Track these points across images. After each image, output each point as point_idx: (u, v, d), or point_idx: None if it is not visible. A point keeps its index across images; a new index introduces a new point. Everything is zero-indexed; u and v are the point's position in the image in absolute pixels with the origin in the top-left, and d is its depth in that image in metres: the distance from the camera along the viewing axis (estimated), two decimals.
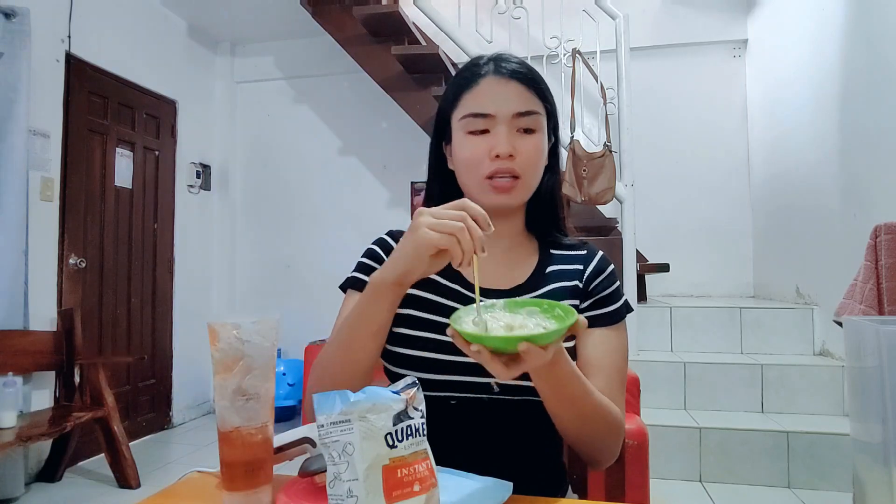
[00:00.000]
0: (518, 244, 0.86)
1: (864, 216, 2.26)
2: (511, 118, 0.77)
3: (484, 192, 0.78)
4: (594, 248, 0.88)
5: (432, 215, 0.62)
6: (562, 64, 3.18)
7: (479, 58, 0.83)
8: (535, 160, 0.79)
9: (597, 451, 0.75)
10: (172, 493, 0.65)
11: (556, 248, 0.87)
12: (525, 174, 0.78)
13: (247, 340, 0.56)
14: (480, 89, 0.79)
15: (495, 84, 0.78)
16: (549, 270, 0.84)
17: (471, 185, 0.80)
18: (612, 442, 0.75)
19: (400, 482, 0.49)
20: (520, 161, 0.77)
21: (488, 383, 0.74)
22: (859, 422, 1.38)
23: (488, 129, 0.78)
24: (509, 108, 0.77)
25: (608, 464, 0.78)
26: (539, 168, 0.81)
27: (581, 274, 0.83)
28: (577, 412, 0.70)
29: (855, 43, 2.43)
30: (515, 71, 0.79)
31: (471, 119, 0.78)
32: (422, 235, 0.61)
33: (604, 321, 0.80)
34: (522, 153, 0.77)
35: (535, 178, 0.81)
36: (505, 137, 0.76)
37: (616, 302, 0.82)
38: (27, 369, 2.44)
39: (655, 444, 2.25)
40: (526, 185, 0.79)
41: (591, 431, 0.72)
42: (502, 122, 0.77)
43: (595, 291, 0.82)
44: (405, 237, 0.65)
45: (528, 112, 0.78)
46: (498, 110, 0.77)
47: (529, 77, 0.80)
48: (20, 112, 2.41)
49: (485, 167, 0.77)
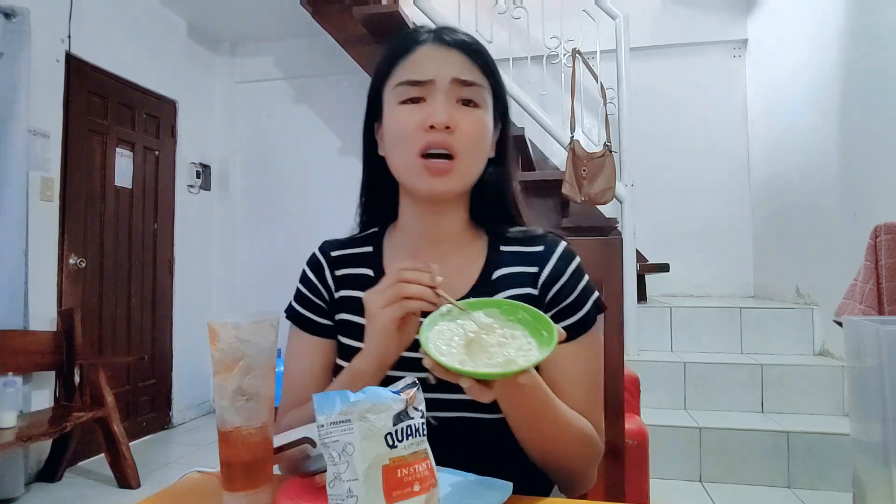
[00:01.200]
0: (460, 245, 0.76)
1: (864, 216, 2.26)
2: (450, 85, 0.68)
3: (417, 175, 0.69)
4: (552, 243, 0.75)
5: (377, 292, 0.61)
6: (562, 64, 3.18)
7: (420, 26, 0.75)
8: (476, 136, 0.69)
9: (571, 478, 0.69)
10: (172, 493, 0.65)
11: (508, 244, 0.76)
12: (463, 153, 0.68)
13: (247, 340, 0.56)
14: (417, 56, 0.70)
15: (434, 51, 0.70)
16: (497, 276, 0.74)
17: (402, 167, 0.71)
18: (590, 466, 0.70)
19: (400, 482, 0.49)
20: (458, 136, 0.67)
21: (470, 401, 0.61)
22: (859, 422, 1.38)
23: (424, 97, 0.69)
24: (448, 73, 0.68)
25: (585, 490, 0.71)
26: (480, 148, 0.71)
27: (535, 279, 0.73)
28: (545, 437, 0.64)
29: (855, 43, 2.43)
30: (459, 41, 0.71)
31: (405, 87, 0.69)
32: (379, 318, 0.60)
33: (570, 334, 0.66)
34: (462, 127, 0.68)
35: (474, 159, 0.71)
36: (442, 106, 0.67)
37: (582, 308, 0.72)
38: (27, 369, 2.44)
39: (655, 444, 2.25)
40: (464, 167, 0.69)
41: (564, 456, 0.66)
42: (440, 91, 0.68)
43: (555, 301, 0.72)
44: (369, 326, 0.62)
45: (470, 82, 0.69)
46: (436, 75, 0.68)
47: (474, 49, 0.72)
48: (20, 112, 2.41)
49: (417, 140, 0.67)
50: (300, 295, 0.79)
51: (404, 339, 0.62)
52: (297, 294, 0.80)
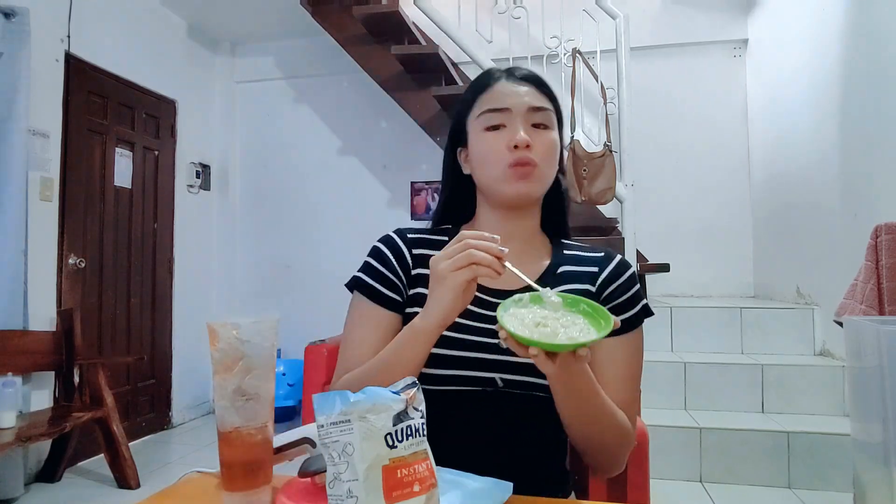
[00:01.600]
0: (531, 244, 0.87)
1: (865, 216, 2.26)
2: (526, 112, 0.81)
3: (505, 181, 0.80)
4: (612, 253, 0.88)
5: (446, 257, 0.65)
6: (562, 64, 3.18)
7: (492, 68, 0.89)
8: (551, 153, 0.82)
9: (603, 460, 0.77)
10: (172, 493, 0.65)
11: (571, 249, 0.88)
12: (541, 163, 0.80)
13: (246, 340, 0.56)
14: (495, 90, 0.83)
15: (509, 85, 0.83)
16: (561, 271, 0.84)
17: (491, 178, 0.82)
18: (620, 453, 0.76)
19: (400, 482, 0.49)
20: (536, 151, 0.79)
21: (493, 378, 0.76)
22: (859, 422, 1.38)
23: (504, 124, 0.81)
24: (524, 102, 0.81)
25: (614, 473, 0.79)
26: (554, 162, 0.83)
27: (595, 277, 0.83)
28: (587, 418, 0.71)
29: (855, 43, 2.43)
30: (527, 75, 0.85)
31: (488, 115, 0.81)
32: (451, 280, 0.64)
33: (617, 330, 0.78)
34: (537, 144, 0.80)
35: (550, 170, 0.83)
36: (521, 129, 0.80)
37: (632, 309, 0.81)
38: (27, 369, 2.44)
39: (656, 444, 2.25)
40: (543, 175, 0.81)
41: (600, 439, 0.74)
42: (518, 116, 0.80)
43: (610, 298, 0.81)
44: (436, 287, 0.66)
45: (541, 108, 0.82)
46: (513, 104, 0.81)
47: (540, 81, 0.85)
48: (20, 112, 2.41)
49: (504, 158, 0.79)
50: (370, 268, 0.84)
51: (465, 300, 0.67)
52: (367, 267, 0.84)
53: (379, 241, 0.87)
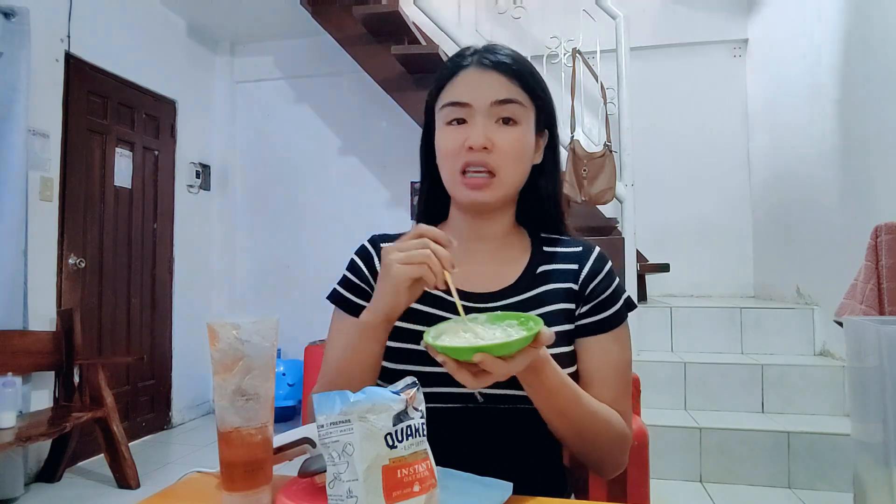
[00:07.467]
0: (506, 244, 0.83)
1: (864, 216, 2.25)
2: (489, 106, 0.74)
3: (457, 188, 0.76)
4: (590, 246, 0.83)
5: (398, 250, 0.64)
6: (562, 64, 3.18)
7: (465, 49, 0.81)
8: (514, 154, 0.75)
9: (598, 461, 0.74)
10: (172, 493, 0.65)
11: (550, 246, 0.84)
12: (502, 169, 0.74)
13: (246, 340, 0.56)
14: (459, 79, 0.77)
15: (475, 74, 0.76)
16: (540, 271, 0.80)
17: (446, 180, 0.78)
18: (616, 452, 0.74)
19: (400, 482, 0.49)
20: (496, 154, 0.74)
21: (472, 394, 0.73)
22: (860, 422, 1.38)
23: (466, 119, 0.75)
24: (486, 96, 0.74)
25: (613, 474, 0.77)
26: (520, 162, 0.77)
27: (576, 275, 0.80)
28: (570, 422, 0.69)
29: (855, 43, 2.43)
30: (499, 62, 0.76)
31: (448, 109, 0.76)
32: (395, 272, 0.63)
33: (604, 327, 0.77)
34: (499, 146, 0.74)
35: (513, 173, 0.77)
36: (480, 128, 0.73)
37: (615, 304, 0.78)
38: (26, 369, 2.44)
39: (655, 444, 2.25)
40: (502, 182, 0.75)
41: (591, 441, 0.71)
42: (479, 113, 0.74)
43: (593, 295, 0.78)
44: (381, 278, 0.66)
45: (506, 100, 0.75)
46: (475, 99, 0.74)
47: (514, 68, 0.76)
48: (20, 112, 2.41)
49: (459, 159, 0.74)
50: (347, 281, 0.83)
51: (411, 297, 0.66)
52: (344, 280, 0.83)
53: (356, 252, 0.85)
